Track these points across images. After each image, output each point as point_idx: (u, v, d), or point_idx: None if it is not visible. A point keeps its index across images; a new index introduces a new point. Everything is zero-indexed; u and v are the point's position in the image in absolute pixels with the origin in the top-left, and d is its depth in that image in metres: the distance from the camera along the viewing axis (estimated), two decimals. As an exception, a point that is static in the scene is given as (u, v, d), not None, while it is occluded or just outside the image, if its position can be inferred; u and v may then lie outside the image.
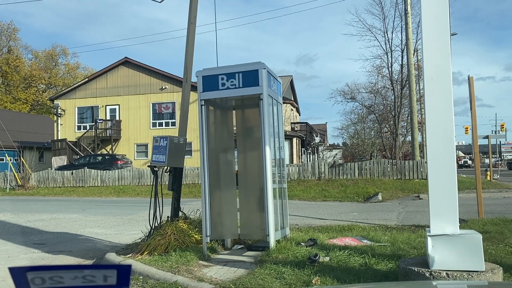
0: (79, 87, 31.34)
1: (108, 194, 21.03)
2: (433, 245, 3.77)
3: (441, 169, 3.88)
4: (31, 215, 12.13)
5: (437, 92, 3.93)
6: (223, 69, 5.77)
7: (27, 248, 7.32)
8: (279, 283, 4.25)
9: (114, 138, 29.53)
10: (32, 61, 55.32)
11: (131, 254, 5.91)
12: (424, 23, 4.00)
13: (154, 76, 29.67)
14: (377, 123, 33.16)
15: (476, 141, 8.59)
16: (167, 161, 6.15)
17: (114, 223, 10.46)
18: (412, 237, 6.37)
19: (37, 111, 52.05)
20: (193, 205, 8.26)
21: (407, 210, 11.93)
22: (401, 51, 25.55)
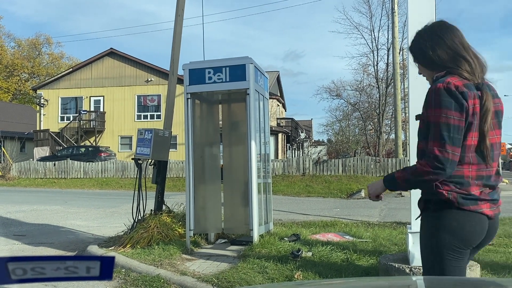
0: (63, 77, 30.87)
1: (91, 186, 20.81)
2: (414, 242, 3.84)
3: (424, 167, 3.94)
4: (12, 206, 11.94)
5: (421, 91, 3.98)
6: (210, 62, 5.74)
7: (6, 240, 7.21)
8: (261, 278, 4.27)
9: (98, 129, 29.19)
10: (15, 50, 54.22)
11: (114, 247, 5.87)
12: (411, 22, 4.04)
13: (139, 68, 29.37)
14: (362, 121, 33.48)
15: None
16: (151, 154, 6.11)
17: (96, 216, 10.37)
18: (393, 233, 6.47)
19: (19, 100, 51.12)
20: (177, 198, 8.24)
21: (389, 207, 12.09)
22: (387, 50, 25.81)
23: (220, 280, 4.24)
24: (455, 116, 1.81)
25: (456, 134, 1.81)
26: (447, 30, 2.01)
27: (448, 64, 1.95)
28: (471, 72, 1.90)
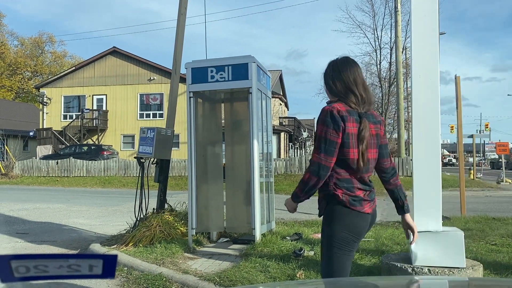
0: (66, 76, 30.92)
1: (94, 184, 20.85)
2: (416, 241, 3.83)
3: (426, 166, 3.93)
4: (14, 204, 11.98)
5: (424, 90, 3.97)
6: (213, 61, 5.74)
7: (9, 238, 7.24)
8: (263, 276, 4.27)
9: (101, 128, 29.24)
10: (18, 48, 54.33)
11: (116, 245, 5.88)
12: (414, 21, 4.03)
13: (142, 67, 29.39)
14: (365, 120, 33.40)
15: (461, 140, 8.72)
16: (154, 152, 6.11)
17: (99, 214, 10.39)
18: (395, 233, 6.45)
19: (22, 99, 51.24)
20: (179, 197, 8.25)
21: (391, 206, 12.01)
22: (390, 49, 25.78)
23: (222, 279, 4.24)
24: (332, 133, 2.31)
25: (330, 147, 2.31)
26: (347, 66, 2.49)
27: (341, 94, 2.44)
28: (356, 103, 2.39)
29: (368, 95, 2.46)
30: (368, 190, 2.42)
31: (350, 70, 2.48)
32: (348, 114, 2.34)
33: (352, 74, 2.46)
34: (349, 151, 2.34)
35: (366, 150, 2.36)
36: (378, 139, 2.48)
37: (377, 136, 2.47)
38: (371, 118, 2.44)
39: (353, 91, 2.42)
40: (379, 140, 2.49)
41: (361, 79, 2.48)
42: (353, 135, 2.34)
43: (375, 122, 2.45)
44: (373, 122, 2.44)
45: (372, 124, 2.43)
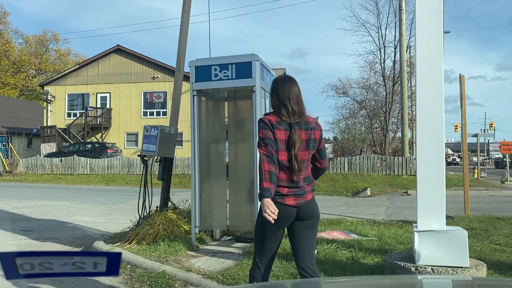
0: (70, 74, 30.99)
1: (97, 182, 20.91)
2: (420, 241, 3.82)
3: (430, 166, 3.92)
4: (19, 201, 12.03)
5: (428, 89, 3.96)
6: (217, 60, 5.74)
7: (14, 235, 7.27)
8: (266, 275, 4.27)
9: (104, 126, 29.31)
10: (22, 46, 54.50)
11: (120, 243, 5.90)
12: (419, 19, 4.01)
13: (146, 65, 29.43)
14: (368, 119, 33.35)
15: (465, 139, 8.68)
16: (157, 150, 6.12)
17: (102, 212, 10.42)
18: (399, 232, 6.44)
19: (27, 96, 51.42)
20: (183, 195, 8.25)
21: (395, 205, 12.06)
22: (394, 48, 25.69)
23: (225, 277, 4.25)
24: (266, 132, 2.81)
25: (268, 141, 2.80)
26: (283, 83, 2.98)
27: (276, 107, 2.95)
28: (287, 115, 2.87)
29: (300, 108, 2.92)
30: (295, 188, 2.87)
31: (285, 87, 2.96)
32: (278, 124, 2.84)
33: (286, 90, 2.94)
34: (278, 153, 2.81)
35: (298, 153, 2.83)
36: (312, 143, 2.91)
37: (310, 140, 2.90)
38: (304, 125, 2.89)
39: (286, 105, 2.89)
40: (315, 144, 2.92)
41: (295, 94, 2.94)
42: (282, 140, 2.83)
43: (307, 129, 2.89)
44: (305, 128, 2.89)
45: (304, 130, 2.88)
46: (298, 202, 2.85)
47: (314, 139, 2.91)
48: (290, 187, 2.86)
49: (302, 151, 2.86)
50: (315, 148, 2.94)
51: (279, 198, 2.82)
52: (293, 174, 2.85)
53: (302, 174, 2.89)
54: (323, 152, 3.01)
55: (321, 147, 2.99)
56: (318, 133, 2.94)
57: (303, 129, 2.88)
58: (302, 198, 2.87)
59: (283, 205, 2.80)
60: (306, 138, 2.88)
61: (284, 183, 2.84)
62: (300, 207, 2.87)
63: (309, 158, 2.92)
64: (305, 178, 2.92)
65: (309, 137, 2.89)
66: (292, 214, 2.86)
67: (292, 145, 2.81)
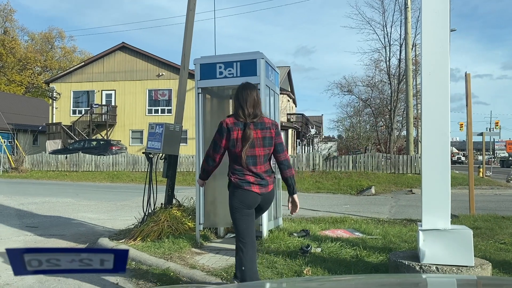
0: (75, 71, 31.09)
1: (102, 179, 21.00)
2: (424, 239, 3.81)
3: (435, 164, 3.91)
4: (24, 198, 12.11)
5: (434, 87, 3.94)
6: (221, 57, 5.74)
7: (19, 231, 7.32)
8: (270, 272, 4.28)
9: (110, 123, 29.39)
10: (28, 43, 54.72)
11: (124, 240, 5.93)
12: (424, 17, 3.99)
13: (151, 63, 29.46)
14: (373, 117, 33.24)
15: (470, 138, 8.64)
16: (162, 148, 6.14)
17: (107, 208, 10.47)
18: (403, 230, 6.43)
19: (32, 94, 51.64)
20: (187, 193, 8.28)
21: (399, 204, 12.02)
22: (400, 46, 25.56)
23: (229, 274, 4.26)
24: (217, 137, 3.49)
25: (215, 146, 3.51)
26: (243, 89, 3.52)
27: (235, 109, 3.50)
28: (243, 116, 3.42)
29: (254, 110, 3.45)
30: (258, 178, 3.42)
31: (244, 92, 3.49)
32: (234, 125, 3.42)
33: (245, 96, 3.46)
34: (235, 150, 3.42)
35: (250, 149, 3.39)
36: (268, 140, 3.45)
37: (265, 138, 3.44)
38: (260, 125, 3.44)
39: (243, 108, 3.44)
40: (271, 141, 3.46)
41: (252, 99, 3.46)
42: (238, 139, 3.40)
43: (262, 128, 3.44)
44: (261, 128, 3.44)
45: (260, 129, 3.43)
46: (261, 191, 3.45)
47: (270, 137, 3.46)
48: (255, 176, 3.43)
49: (259, 147, 3.42)
50: (271, 145, 3.47)
51: (247, 186, 3.41)
52: (255, 167, 3.42)
53: (264, 167, 3.47)
54: (279, 147, 3.51)
55: (277, 143, 3.51)
56: (273, 131, 3.47)
57: (259, 129, 3.43)
58: (265, 188, 3.47)
59: (250, 191, 3.41)
60: (262, 136, 3.43)
61: (248, 173, 3.42)
62: (264, 195, 3.48)
63: (266, 153, 3.46)
64: (266, 170, 3.49)
65: (264, 135, 3.44)
66: (257, 199, 3.45)
67: (244, 141, 3.38)
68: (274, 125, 3.52)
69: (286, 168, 3.53)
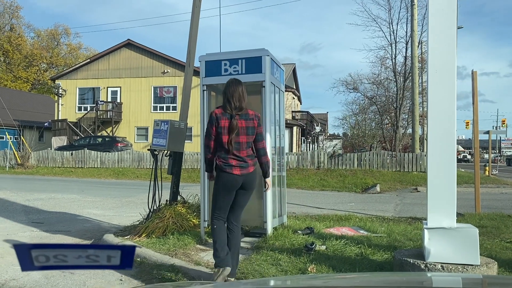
0: (81, 68, 31.20)
1: (108, 176, 21.08)
2: (430, 238, 3.80)
3: (441, 162, 3.89)
4: (30, 194, 12.18)
5: (440, 85, 3.92)
6: (226, 54, 5.73)
7: (25, 227, 7.37)
8: (275, 270, 4.29)
9: (115, 120, 29.50)
10: (34, 40, 54.95)
11: (129, 236, 5.95)
12: (431, 14, 3.97)
13: (156, 60, 29.51)
14: (378, 115, 33.14)
15: (476, 136, 8.59)
16: (167, 145, 6.15)
17: (112, 205, 10.51)
18: (408, 229, 6.41)
19: (38, 90, 51.90)
20: (192, 189, 8.29)
21: (404, 202, 11.99)
22: (406, 43, 25.42)
23: (234, 271, 4.26)
24: (209, 127, 3.96)
25: (208, 135, 3.97)
26: (230, 84, 4.04)
27: (223, 102, 4.00)
28: (229, 108, 3.91)
29: (240, 104, 3.92)
30: (240, 161, 3.88)
31: (231, 87, 3.99)
32: (222, 115, 3.90)
33: (231, 90, 3.96)
34: (222, 137, 3.87)
35: (235, 136, 3.86)
36: (251, 130, 3.93)
37: (249, 128, 3.92)
38: (244, 116, 3.93)
39: (230, 101, 3.93)
40: (253, 130, 3.94)
41: (238, 93, 3.95)
42: (225, 128, 3.86)
43: (246, 119, 3.93)
44: (245, 119, 3.92)
45: (244, 120, 3.91)
46: (242, 172, 3.89)
47: (253, 127, 3.95)
48: (238, 160, 3.88)
49: (242, 135, 3.91)
50: (254, 133, 3.96)
51: (229, 169, 3.87)
52: (238, 152, 3.88)
53: (246, 152, 3.94)
54: (259, 136, 4.02)
55: (258, 132, 4.00)
56: (256, 122, 3.98)
57: (243, 119, 3.92)
58: (246, 169, 3.91)
59: (231, 174, 3.87)
60: (246, 126, 3.92)
61: (232, 157, 3.88)
62: (245, 176, 3.90)
63: (248, 141, 3.94)
64: (248, 155, 3.96)
65: (248, 125, 3.93)
66: (238, 181, 3.89)
67: (230, 131, 3.86)
68: (256, 117, 4.02)
69: (262, 155, 4.05)
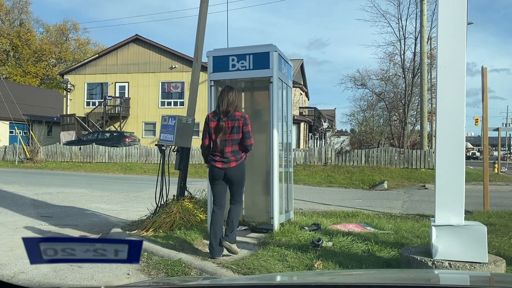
0: (89, 63, 31.33)
1: (115, 170, 21.21)
2: (437, 235, 3.78)
3: (450, 159, 3.86)
4: (39, 188, 12.29)
5: (450, 81, 3.88)
6: (234, 50, 5.72)
7: (34, 220, 7.44)
8: (281, 266, 4.29)
9: (123, 115, 29.62)
10: (43, 35, 55.26)
11: (137, 231, 5.99)
12: (441, 10, 3.93)
13: (164, 55, 29.54)
14: (387, 111, 32.92)
15: (486, 133, 8.52)
16: (175, 140, 6.17)
17: (120, 200, 10.58)
18: (416, 226, 6.38)
19: (47, 85, 52.23)
20: (199, 185, 8.32)
21: (412, 199, 11.93)
22: (415, 39, 25.17)
23: (240, 267, 4.28)
24: (204, 127, 4.76)
25: (204, 134, 4.78)
26: (222, 91, 4.79)
27: (217, 105, 4.79)
28: (219, 112, 4.67)
29: (227, 108, 4.64)
30: (223, 157, 4.65)
31: (222, 94, 4.74)
32: (212, 117, 4.73)
33: (221, 97, 4.71)
34: (212, 136, 4.70)
35: (222, 135, 4.62)
36: (236, 129, 4.62)
37: (234, 127, 4.62)
38: (230, 118, 4.63)
39: (219, 105, 4.70)
40: (238, 130, 4.62)
41: (226, 99, 4.66)
42: (213, 128, 4.68)
43: (232, 120, 4.62)
44: (231, 120, 4.62)
45: (230, 121, 4.62)
46: (223, 166, 4.66)
47: (238, 127, 4.61)
48: (221, 156, 4.67)
49: (228, 134, 4.62)
50: (239, 132, 4.62)
51: (213, 162, 4.71)
52: (224, 148, 4.63)
53: (231, 148, 4.64)
54: (246, 135, 4.65)
55: (244, 131, 4.64)
56: (241, 122, 4.62)
57: (229, 120, 4.62)
58: (227, 164, 4.65)
59: (214, 166, 4.70)
60: (231, 126, 4.61)
61: (217, 153, 4.68)
62: (225, 170, 4.66)
63: (233, 138, 4.62)
64: (232, 151, 4.65)
65: (233, 125, 4.62)
66: (220, 172, 4.68)
67: (217, 130, 4.64)
68: (242, 117, 4.66)
69: (247, 150, 4.77)
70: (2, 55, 50.93)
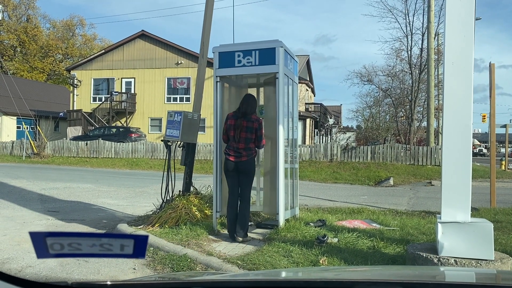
0: (96, 59, 31.42)
1: (121, 166, 21.30)
2: (443, 232, 3.77)
3: (456, 156, 3.84)
4: (46, 183, 12.38)
5: (457, 78, 3.86)
6: (240, 46, 5.71)
7: (41, 215, 7.51)
8: (286, 261, 4.30)
9: (129, 111, 29.70)
10: (50, 31, 55.47)
11: (143, 226, 6.02)
12: (449, 5, 3.89)
13: (170, 51, 29.55)
14: (393, 107, 32.79)
15: (493, 130, 8.46)
16: (180, 136, 6.18)
17: (126, 195, 10.64)
18: (421, 222, 6.36)
19: (54, 81, 52.48)
20: (205, 181, 8.34)
21: (418, 195, 11.89)
22: (422, 35, 25.01)
23: (245, 262, 4.29)
24: (224, 126, 5.46)
25: (223, 130, 5.48)
26: (244, 97, 5.52)
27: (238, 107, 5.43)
28: (239, 112, 5.36)
29: (246, 110, 5.30)
30: (237, 152, 5.24)
31: (244, 99, 5.43)
32: (232, 117, 5.36)
33: (243, 101, 5.39)
34: (230, 132, 5.30)
35: (238, 132, 5.23)
36: (250, 129, 5.24)
37: (248, 127, 5.24)
38: (248, 118, 5.26)
39: (240, 107, 5.36)
40: (252, 129, 5.24)
41: (247, 103, 5.34)
42: (232, 125, 5.29)
43: (247, 121, 5.25)
44: (247, 120, 5.25)
45: (245, 121, 5.24)
46: (235, 160, 5.23)
47: (251, 127, 5.24)
48: (234, 150, 5.25)
49: (243, 132, 5.23)
50: (252, 132, 5.23)
51: (227, 155, 5.30)
52: (237, 143, 5.23)
53: (244, 145, 5.22)
54: (259, 137, 5.30)
55: (258, 135, 5.28)
56: (256, 124, 5.26)
57: (246, 120, 5.25)
58: (239, 158, 5.23)
59: (227, 159, 5.29)
60: (246, 125, 5.23)
61: (232, 147, 5.27)
62: (237, 162, 5.22)
63: (247, 136, 5.22)
64: (245, 148, 5.23)
65: (248, 125, 5.23)
66: (232, 165, 5.26)
67: (236, 128, 5.25)
68: (257, 121, 5.30)
69: (260, 147, 5.47)
70: (9, 50, 51.19)
